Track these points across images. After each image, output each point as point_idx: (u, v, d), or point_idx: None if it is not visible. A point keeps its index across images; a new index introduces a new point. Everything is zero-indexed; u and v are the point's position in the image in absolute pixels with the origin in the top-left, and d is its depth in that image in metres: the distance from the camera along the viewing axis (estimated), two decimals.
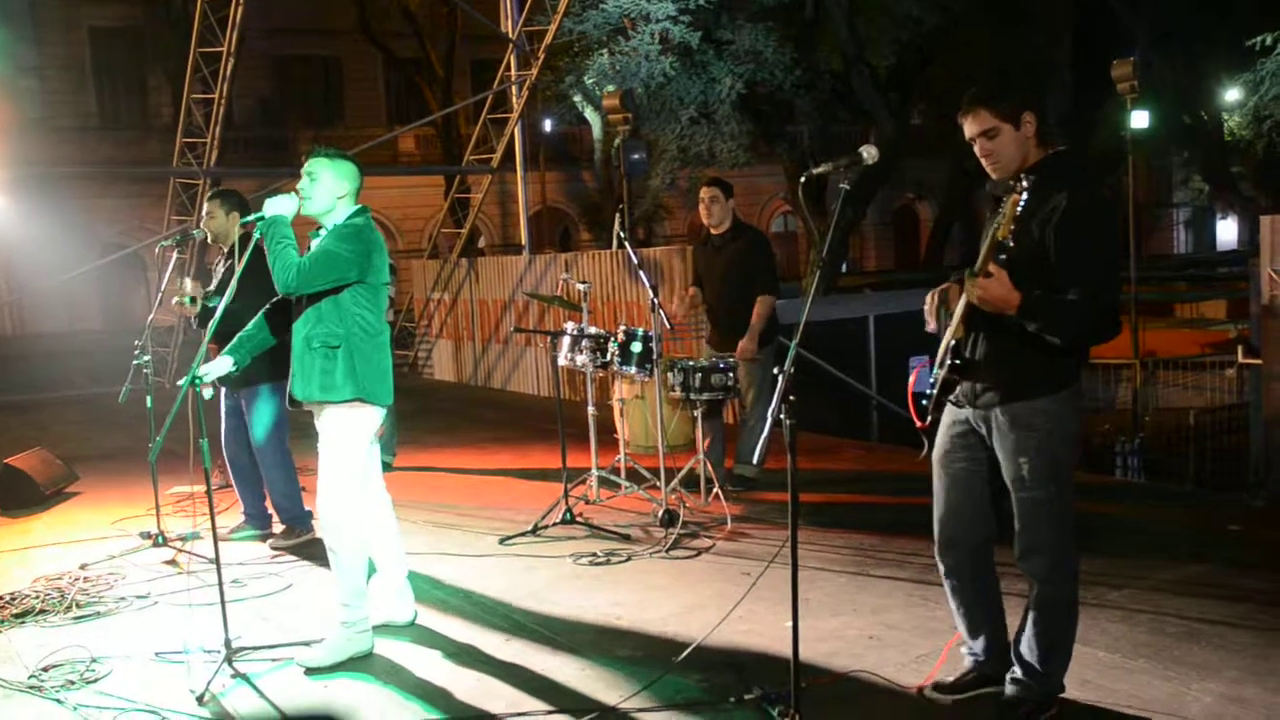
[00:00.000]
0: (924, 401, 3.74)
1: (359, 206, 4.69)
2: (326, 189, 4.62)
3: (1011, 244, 3.34)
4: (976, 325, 3.57)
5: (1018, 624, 3.82)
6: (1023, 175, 3.37)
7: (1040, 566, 3.63)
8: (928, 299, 3.75)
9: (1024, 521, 3.62)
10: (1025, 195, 3.26)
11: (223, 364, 4.75)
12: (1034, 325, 3.39)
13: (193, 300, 6.41)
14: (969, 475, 3.75)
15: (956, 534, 3.82)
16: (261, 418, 6.31)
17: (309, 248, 4.63)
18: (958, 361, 3.61)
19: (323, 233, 4.66)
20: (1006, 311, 3.38)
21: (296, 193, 4.63)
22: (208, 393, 4.66)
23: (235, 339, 4.85)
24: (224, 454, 6.64)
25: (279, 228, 4.50)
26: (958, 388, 3.70)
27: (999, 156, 3.55)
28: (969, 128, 3.58)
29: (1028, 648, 3.73)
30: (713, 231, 7.24)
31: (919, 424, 3.74)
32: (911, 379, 3.84)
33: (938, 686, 3.98)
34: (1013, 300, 3.35)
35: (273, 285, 4.47)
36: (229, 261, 6.45)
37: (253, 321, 4.89)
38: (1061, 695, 3.79)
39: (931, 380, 3.79)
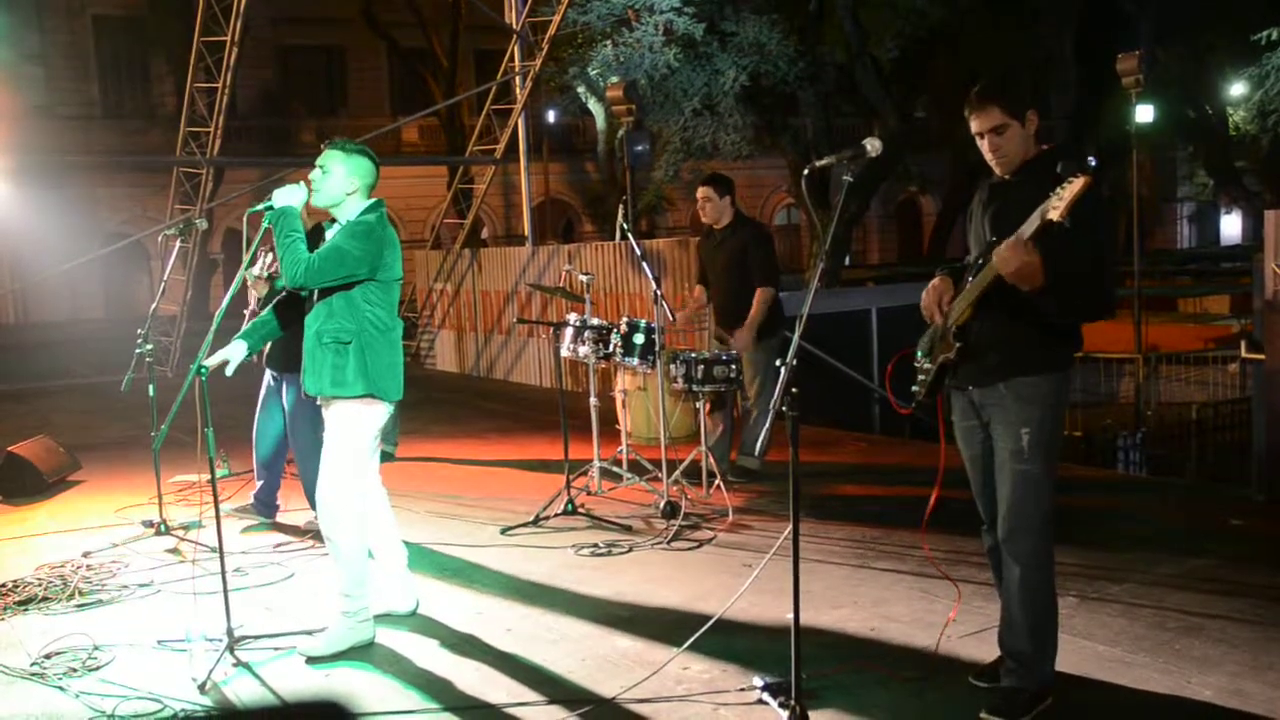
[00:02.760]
0: (913, 387, 3.88)
1: (373, 201, 4.66)
2: (337, 183, 4.59)
3: (1067, 226, 3.39)
4: (987, 307, 3.65)
5: (1000, 617, 3.87)
6: (1091, 160, 3.45)
7: (1025, 547, 3.71)
8: (928, 296, 3.84)
9: (1014, 499, 3.70)
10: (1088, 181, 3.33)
11: (237, 349, 4.74)
12: (1050, 304, 3.53)
13: (269, 277, 6.32)
14: (989, 455, 3.82)
15: (989, 511, 3.90)
16: (303, 406, 6.28)
17: (323, 239, 4.62)
18: (963, 345, 3.71)
19: (335, 225, 4.65)
20: (1032, 287, 3.47)
21: (306, 182, 4.62)
22: (230, 370, 4.67)
23: (249, 325, 4.87)
24: (254, 434, 6.64)
25: (289, 220, 4.49)
26: (961, 370, 3.77)
27: (1006, 152, 3.68)
28: (977, 123, 3.69)
29: (1016, 638, 3.78)
30: (714, 227, 7.27)
31: (902, 411, 3.92)
32: (889, 367, 3.92)
33: (980, 677, 4.00)
34: (1039, 280, 3.46)
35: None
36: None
37: (266, 309, 4.90)
38: (1059, 688, 3.81)
39: (923, 365, 3.85)
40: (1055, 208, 3.34)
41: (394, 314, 4.68)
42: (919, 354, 3.92)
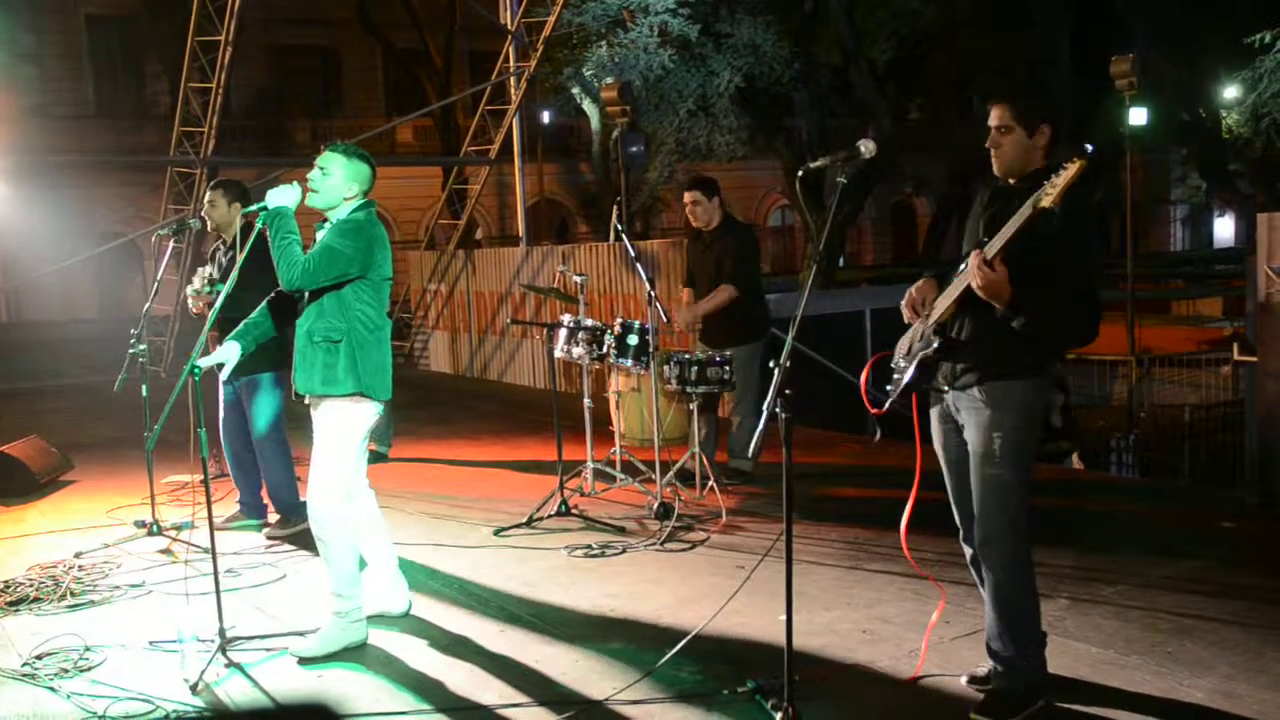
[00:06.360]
0: (888, 387, 3.89)
1: (363, 200, 4.67)
2: (335, 186, 4.59)
3: (1058, 214, 3.42)
4: (968, 308, 3.67)
5: (985, 621, 3.87)
6: (1087, 147, 3.49)
7: (998, 551, 3.72)
8: (909, 295, 3.87)
9: (985, 504, 3.72)
10: (1084, 166, 3.36)
11: (231, 351, 4.72)
12: (1018, 321, 3.52)
13: (211, 288, 6.37)
14: (965, 459, 3.82)
15: (965, 519, 3.91)
16: (262, 408, 6.31)
17: (314, 240, 4.61)
18: (943, 341, 3.72)
19: (327, 225, 4.64)
20: (997, 303, 3.51)
21: (302, 182, 4.61)
22: (225, 373, 4.67)
23: (241, 326, 4.82)
24: (222, 443, 6.64)
25: (284, 221, 4.48)
26: (939, 370, 3.79)
27: (1002, 154, 3.73)
28: (990, 117, 3.74)
29: (1001, 644, 3.80)
30: (704, 229, 7.26)
31: (875, 411, 3.90)
32: (865, 371, 3.91)
33: (972, 679, 4.00)
34: (1004, 296, 3.49)
35: (274, 274, 4.46)
36: (231, 251, 6.45)
37: (257, 310, 4.87)
38: (1052, 690, 3.83)
39: (899, 366, 3.85)
40: (1048, 194, 3.37)
41: (384, 313, 4.68)
42: (896, 355, 3.93)
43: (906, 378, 3.80)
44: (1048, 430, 10.29)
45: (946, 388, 3.80)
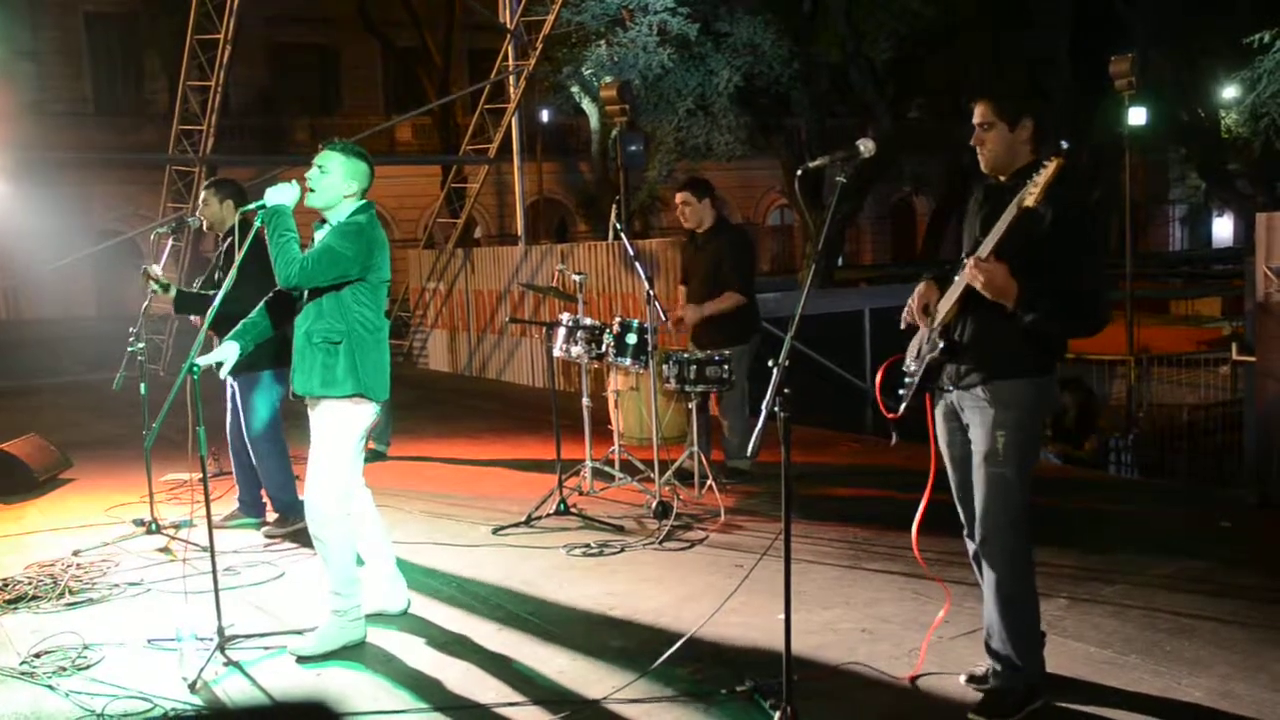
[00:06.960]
0: (900, 391, 3.91)
1: (364, 203, 4.66)
2: (334, 185, 4.59)
3: (1042, 213, 3.47)
4: (970, 309, 3.68)
5: (985, 620, 3.87)
6: (1063, 144, 3.51)
7: (999, 550, 3.74)
8: (912, 302, 3.86)
9: (987, 503, 3.73)
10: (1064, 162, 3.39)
11: (230, 350, 4.72)
12: (1030, 317, 3.54)
13: (165, 288, 6.36)
14: (970, 458, 3.83)
15: (969, 516, 3.91)
16: (259, 405, 6.31)
17: (312, 239, 4.61)
18: (947, 344, 3.73)
19: (326, 226, 4.64)
20: (1004, 301, 3.52)
21: (300, 181, 4.61)
22: (224, 372, 4.68)
23: (240, 325, 4.82)
24: (228, 440, 6.64)
25: (282, 219, 4.48)
26: (944, 371, 3.80)
27: (987, 149, 3.78)
28: (974, 114, 3.79)
29: (1000, 643, 3.80)
30: (696, 231, 7.25)
31: (890, 416, 3.92)
32: (879, 376, 3.92)
33: (971, 679, 4.00)
34: (1010, 291, 3.50)
35: (272, 273, 4.46)
36: (225, 244, 6.44)
37: (256, 309, 4.87)
38: (1050, 689, 3.83)
39: (910, 369, 3.87)
40: (1030, 194, 3.42)
41: (382, 314, 4.69)
42: (906, 359, 3.94)
43: (918, 381, 3.82)
44: (1064, 431, 10.30)
45: (951, 387, 3.81)
